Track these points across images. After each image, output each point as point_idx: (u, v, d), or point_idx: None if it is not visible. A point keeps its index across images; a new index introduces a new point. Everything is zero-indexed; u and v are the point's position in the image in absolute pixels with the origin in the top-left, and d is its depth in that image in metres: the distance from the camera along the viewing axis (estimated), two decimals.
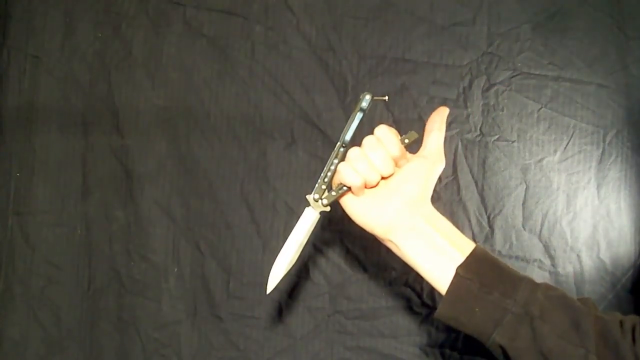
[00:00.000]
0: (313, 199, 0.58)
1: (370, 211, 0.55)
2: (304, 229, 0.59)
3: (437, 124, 0.58)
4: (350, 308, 0.78)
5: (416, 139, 0.59)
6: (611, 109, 0.73)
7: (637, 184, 0.72)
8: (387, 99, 0.61)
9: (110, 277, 0.85)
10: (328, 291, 0.79)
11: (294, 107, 0.80)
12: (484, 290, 0.50)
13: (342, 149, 0.59)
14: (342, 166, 0.56)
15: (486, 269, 0.52)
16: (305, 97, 0.80)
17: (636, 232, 0.72)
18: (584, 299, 0.52)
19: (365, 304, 0.78)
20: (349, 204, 0.57)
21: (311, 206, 0.59)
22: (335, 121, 0.79)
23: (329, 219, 0.78)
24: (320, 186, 0.58)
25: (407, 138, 0.59)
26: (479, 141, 0.75)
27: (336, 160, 0.59)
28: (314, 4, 0.80)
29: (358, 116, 0.59)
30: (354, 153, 0.56)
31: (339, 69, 0.79)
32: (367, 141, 0.56)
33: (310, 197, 0.59)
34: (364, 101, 0.59)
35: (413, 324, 0.76)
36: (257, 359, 0.80)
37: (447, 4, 0.76)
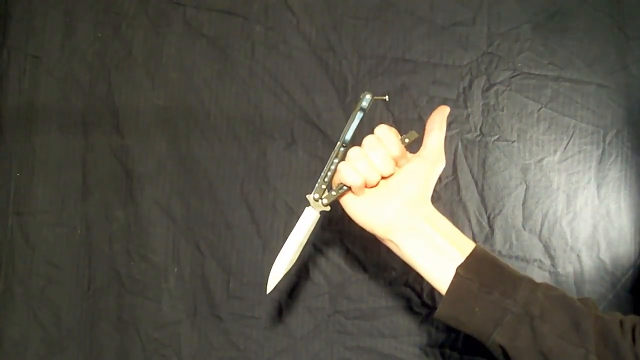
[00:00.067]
0: (313, 198, 0.58)
1: (371, 211, 0.55)
2: (304, 228, 0.59)
3: (437, 124, 0.58)
4: (350, 308, 0.78)
5: (416, 138, 0.59)
6: (611, 109, 0.73)
7: (637, 184, 0.72)
8: (387, 98, 0.61)
9: (110, 277, 0.85)
10: (328, 291, 0.79)
11: (294, 107, 0.80)
12: (484, 290, 0.50)
13: (342, 149, 0.59)
14: (342, 166, 0.56)
15: (486, 268, 0.52)
16: (305, 97, 0.80)
17: (636, 232, 0.72)
18: (584, 299, 0.52)
19: (365, 304, 0.78)
20: (349, 204, 0.57)
21: (311, 206, 0.59)
22: (335, 121, 0.79)
23: (329, 219, 0.78)
24: (320, 186, 0.58)
25: (407, 138, 0.59)
26: (479, 141, 0.75)
27: (336, 159, 0.58)
28: (314, 4, 0.80)
29: (358, 116, 0.59)
30: (354, 153, 0.56)
31: (339, 69, 0.79)
32: (367, 141, 0.56)
33: (310, 196, 0.58)
34: (364, 101, 0.59)
35: (413, 324, 0.76)
36: (257, 359, 0.80)
37: (447, 4, 0.76)
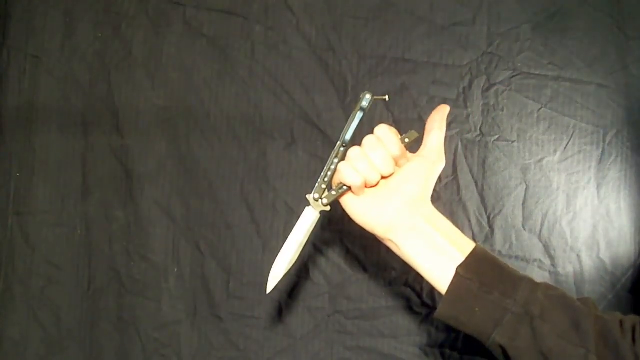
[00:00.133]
0: (313, 198, 0.58)
1: (371, 211, 0.55)
2: (304, 228, 0.59)
3: (437, 123, 0.58)
4: (350, 308, 0.78)
5: (416, 138, 0.59)
6: (611, 109, 0.73)
7: (637, 184, 0.72)
8: (387, 98, 0.61)
9: (110, 277, 0.85)
10: (328, 291, 0.79)
11: (294, 107, 0.80)
12: (484, 290, 0.50)
13: (342, 149, 0.59)
14: (343, 165, 0.56)
15: (486, 268, 0.52)
16: (305, 97, 0.80)
17: (636, 232, 0.72)
18: (584, 298, 0.52)
19: (365, 304, 0.78)
20: (349, 204, 0.57)
21: (311, 206, 0.59)
22: (335, 121, 0.79)
23: (329, 219, 0.78)
24: (320, 186, 0.58)
25: (407, 137, 0.59)
26: (479, 141, 0.75)
27: (336, 159, 0.58)
28: (314, 4, 0.80)
29: (358, 116, 0.59)
30: (354, 152, 0.56)
31: (339, 69, 0.79)
32: (368, 141, 0.56)
33: (310, 196, 0.58)
34: (364, 100, 0.59)
35: (413, 324, 0.76)
36: (257, 359, 0.80)
37: (447, 4, 0.76)
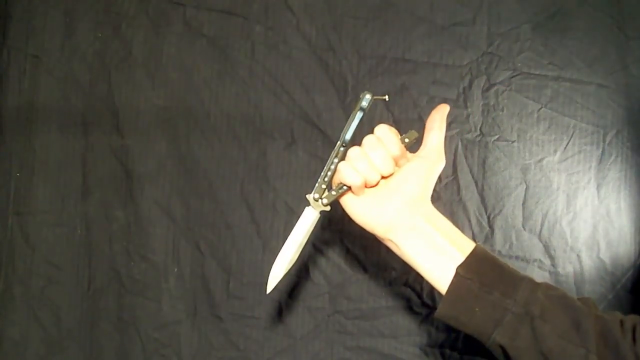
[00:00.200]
0: (313, 198, 0.58)
1: (371, 211, 0.55)
2: (304, 228, 0.59)
3: (437, 123, 0.58)
4: (350, 308, 0.78)
5: (416, 138, 0.59)
6: (611, 109, 0.73)
7: (637, 184, 0.72)
8: (387, 98, 0.61)
9: (110, 277, 0.85)
10: (328, 291, 0.79)
11: (294, 107, 0.80)
12: (484, 289, 0.50)
13: (342, 149, 0.59)
14: (342, 165, 0.56)
15: (486, 268, 0.52)
16: (305, 97, 0.80)
17: (636, 232, 0.72)
18: (584, 298, 0.52)
19: (365, 304, 0.78)
20: (349, 204, 0.57)
21: (311, 206, 0.59)
22: (335, 121, 0.79)
23: (329, 219, 0.78)
24: (320, 186, 0.58)
25: (407, 137, 0.58)
26: (479, 141, 0.75)
27: (336, 159, 0.58)
28: (314, 4, 0.80)
29: (358, 115, 0.59)
30: (354, 152, 0.56)
31: (339, 69, 0.79)
32: (367, 140, 0.56)
33: (310, 196, 0.58)
34: (364, 100, 0.59)
35: (413, 324, 0.76)
36: (257, 359, 0.80)
37: (447, 4, 0.76)
